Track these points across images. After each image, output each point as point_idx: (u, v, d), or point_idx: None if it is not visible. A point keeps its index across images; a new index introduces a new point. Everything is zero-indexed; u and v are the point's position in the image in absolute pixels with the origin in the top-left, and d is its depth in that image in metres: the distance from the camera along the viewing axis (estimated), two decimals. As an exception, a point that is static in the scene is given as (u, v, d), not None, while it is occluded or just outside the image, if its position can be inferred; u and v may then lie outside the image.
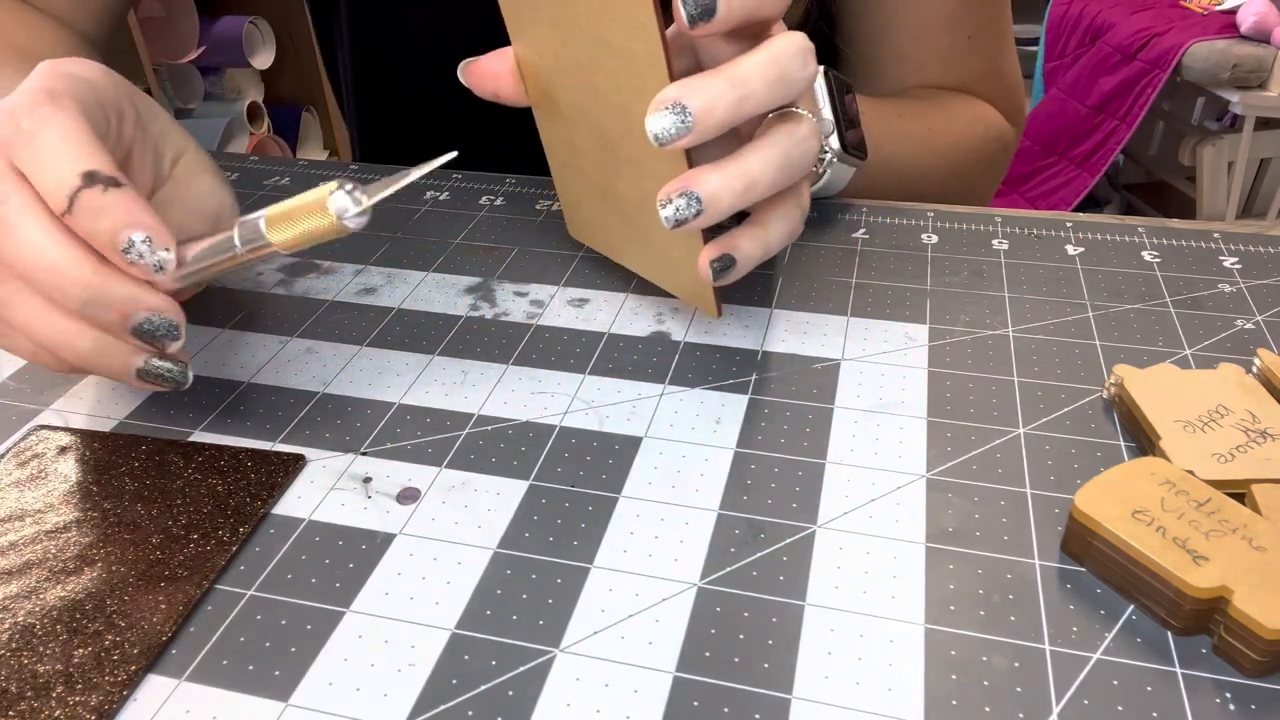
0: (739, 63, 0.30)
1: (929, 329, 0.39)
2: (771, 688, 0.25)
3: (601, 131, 0.37)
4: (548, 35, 0.36)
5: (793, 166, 0.33)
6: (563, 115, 0.38)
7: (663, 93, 0.30)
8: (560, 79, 0.37)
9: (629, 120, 0.34)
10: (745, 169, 0.31)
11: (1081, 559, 0.28)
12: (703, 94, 0.29)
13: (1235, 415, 0.32)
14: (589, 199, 0.42)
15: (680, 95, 0.29)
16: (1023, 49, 2.45)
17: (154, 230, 0.29)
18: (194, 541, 0.30)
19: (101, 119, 0.31)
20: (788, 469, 0.32)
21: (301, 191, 0.31)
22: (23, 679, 0.26)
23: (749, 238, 0.34)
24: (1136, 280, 0.42)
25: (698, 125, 0.29)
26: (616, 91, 0.34)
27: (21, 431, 0.35)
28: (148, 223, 0.29)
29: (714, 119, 0.30)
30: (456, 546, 0.30)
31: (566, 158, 0.41)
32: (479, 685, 0.26)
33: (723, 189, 0.31)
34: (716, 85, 0.30)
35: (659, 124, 0.30)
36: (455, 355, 0.39)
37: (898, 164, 0.51)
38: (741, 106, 0.30)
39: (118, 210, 0.29)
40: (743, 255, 0.34)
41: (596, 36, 0.33)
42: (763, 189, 0.32)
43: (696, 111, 0.29)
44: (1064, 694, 0.25)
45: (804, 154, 0.33)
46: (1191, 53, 1.71)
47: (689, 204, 0.31)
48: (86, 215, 0.29)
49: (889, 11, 0.55)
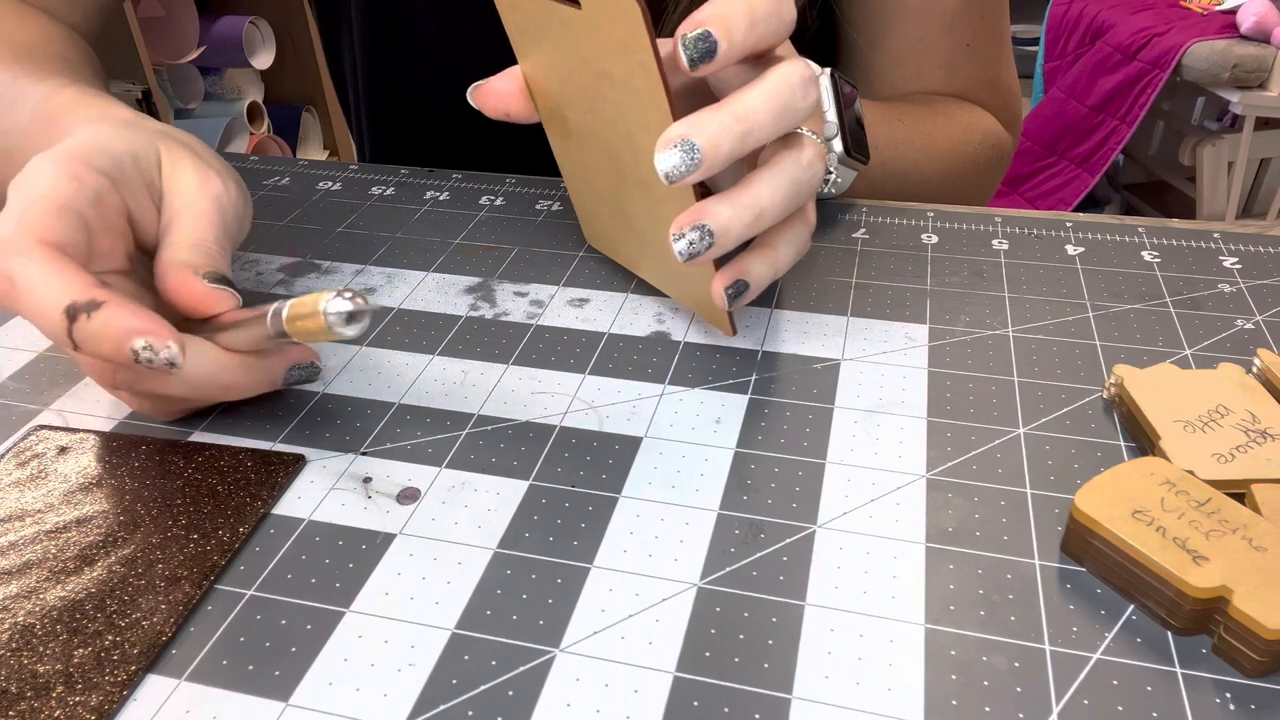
0: (743, 96, 0.31)
1: (929, 329, 0.39)
2: (771, 688, 0.25)
3: (611, 154, 0.37)
4: (552, 60, 0.36)
5: (800, 192, 0.33)
6: (573, 134, 0.39)
7: (669, 130, 0.30)
8: (567, 100, 0.37)
9: (635, 148, 0.34)
10: (754, 199, 0.32)
11: (1081, 559, 0.28)
12: (709, 130, 0.30)
13: (1235, 415, 0.32)
14: (603, 212, 0.42)
15: (687, 132, 0.30)
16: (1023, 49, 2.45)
17: (149, 333, 0.29)
18: (194, 541, 0.30)
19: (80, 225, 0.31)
20: (788, 469, 0.32)
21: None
22: (23, 679, 0.26)
23: (759, 261, 0.34)
24: (1136, 280, 0.42)
25: (705, 161, 0.30)
26: (622, 120, 0.34)
27: (21, 431, 0.35)
28: (140, 328, 0.29)
29: (721, 154, 0.30)
30: (456, 546, 0.30)
31: (579, 172, 0.41)
32: (479, 685, 0.26)
33: (733, 220, 0.32)
34: (722, 120, 0.30)
35: (667, 162, 0.30)
36: (455, 355, 0.39)
37: (895, 168, 0.51)
38: (747, 140, 0.31)
39: (109, 332, 0.29)
40: (754, 279, 0.34)
41: (599, 69, 0.33)
42: (771, 217, 0.33)
43: (704, 148, 0.30)
44: (1064, 694, 0.25)
45: (811, 179, 0.33)
46: (1191, 53, 1.71)
47: (701, 237, 0.31)
48: (90, 345, 0.29)
49: (887, 18, 0.55)
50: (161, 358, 0.29)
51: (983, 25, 0.56)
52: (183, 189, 0.34)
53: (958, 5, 0.54)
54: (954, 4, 0.54)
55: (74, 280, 0.30)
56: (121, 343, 0.29)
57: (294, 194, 0.52)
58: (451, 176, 0.54)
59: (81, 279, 0.30)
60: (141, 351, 0.29)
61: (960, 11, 0.54)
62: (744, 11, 0.30)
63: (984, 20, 0.56)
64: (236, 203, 0.36)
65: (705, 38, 0.30)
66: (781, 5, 0.31)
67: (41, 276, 0.29)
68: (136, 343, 0.29)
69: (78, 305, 0.29)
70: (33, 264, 0.30)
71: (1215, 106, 1.81)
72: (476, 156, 0.60)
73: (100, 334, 0.29)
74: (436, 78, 0.61)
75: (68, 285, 0.29)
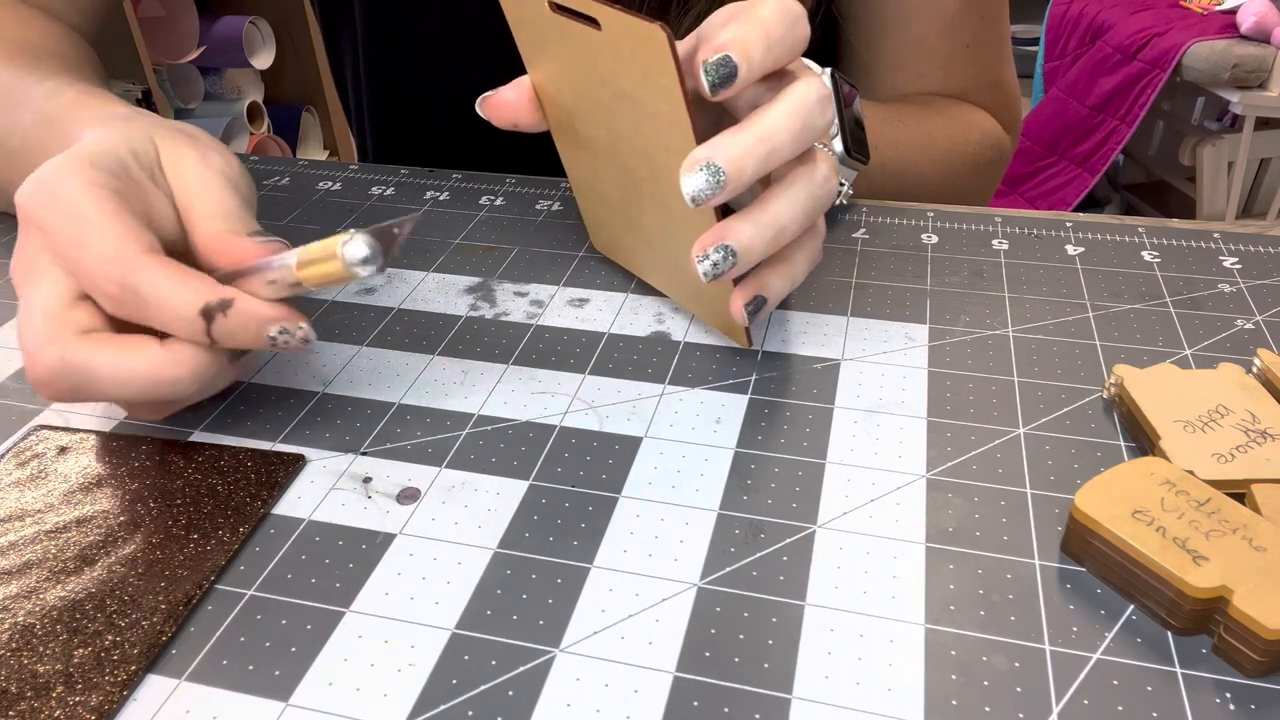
0: (764, 116, 0.31)
1: (929, 329, 0.39)
2: (771, 688, 0.25)
3: (624, 167, 0.37)
4: (565, 74, 0.36)
5: (816, 207, 0.34)
6: (583, 145, 0.38)
7: (694, 153, 0.31)
8: (580, 113, 0.37)
9: (652, 165, 0.34)
10: (774, 218, 0.33)
11: (1081, 559, 0.28)
12: (731, 153, 0.30)
13: (1235, 415, 0.32)
14: (613, 220, 0.42)
15: (711, 155, 0.30)
16: (1023, 49, 2.45)
17: (281, 319, 0.31)
18: (194, 541, 0.30)
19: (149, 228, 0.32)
20: (788, 469, 0.32)
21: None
22: (23, 679, 0.26)
23: (777, 276, 0.35)
24: (1136, 280, 0.42)
25: (730, 184, 0.31)
26: (640, 139, 0.34)
27: (21, 431, 0.35)
28: (271, 316, 0.31)
29: (746, 176, 0.31)
30: (456, 546, 0.30)
31: (588, 180, 0.41)
32: (479, 685, 0.26)
33: (755, 240, 0.32)
34: (745, 142, 0.31)
35: (694, 185, 0.31)
36: (455, 355, 0.39)
37: (895, 168, 0.51)
38: (769, 161, 0.31)
39: (247, 324, 0.31)
40: (772, 293, 0.35)
41: (616, 88, 0.33)
42: (790, 234, 0.33)
43: (729, 170, 0.30)
44: (1064, 694, 0.25)
45: (826, 194, 0.34)
46: (1191, 53, 1.71)
47: (725, 257, 0.32)
48: (229, 340, 0.31)
49: (888, 18, 0.55)
50: (298, 338, 0.32)
51: (983, 26, 0.56)
52: (188, 172, 0.34)
53: (958, 6, 0.54)
54: (954, 5, 0.54)
55: (198, 283, 0.31)
56: (260, 332, 0.31)
57: (294, 194, 0.52)
58: (451, 176, 0.54)
59: (202, 280, 0.31)
60: (279, 336, 0.31)
61: (960, 13, 0.54)
62: (761, 35, 0.31)
63: (984, 21, 0.56)
64: (242, 174, 0.36)
65: (725, 63, 0.30)
66: (796, 25, 0.32)
67: (169, 287, 0.30)
68: (272, 329, 0.31)
69: (211, 305, 0.30)
70: (157, 275, 0.30)
71: (1215, 106, 1.81)
72: (476, 156, 0.60)
73: (239, 328, 0.31)
74: (437, 78, 0.61)
75: (196, 289, 0.30)
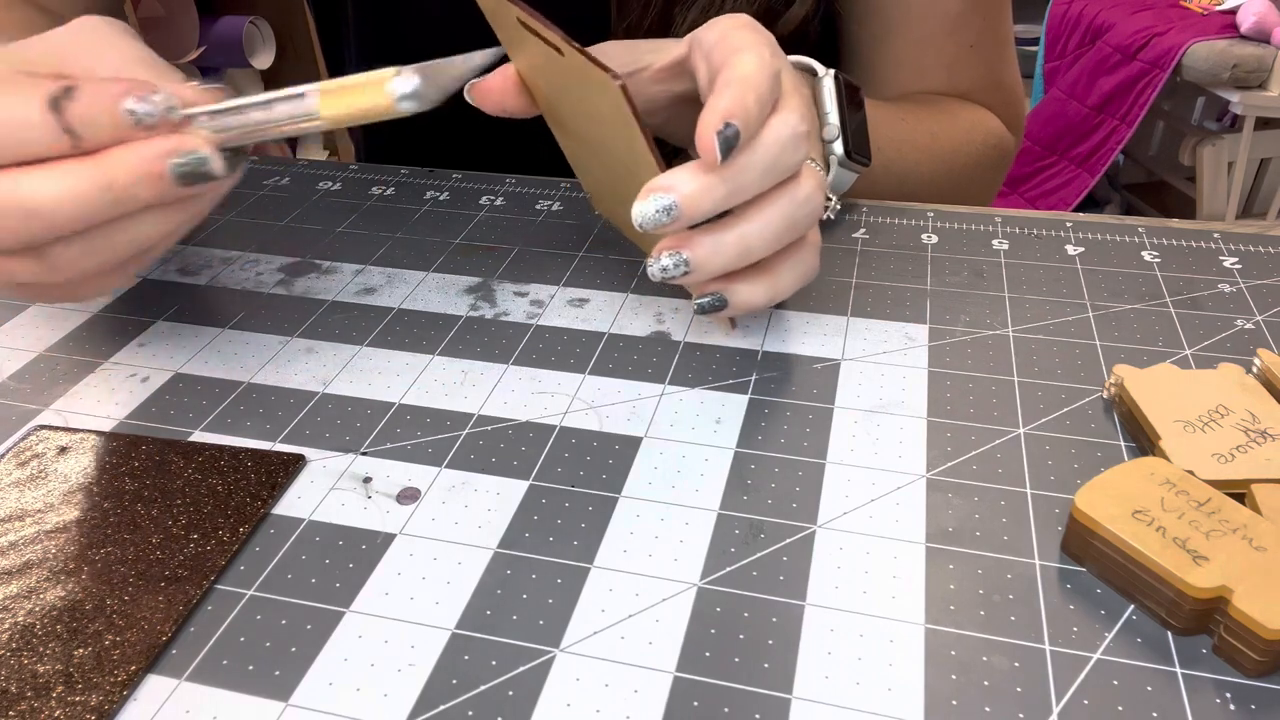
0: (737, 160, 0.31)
1: (929, 329, 0.39)
2: (771, 688, 0.25)
3: (605, 164, 0.37)
4: (540, 73, 0.36)
5: (795, 227, 0.34)
6: (568, 130, 0.39)
7: (651, 182, 0.31)
8: (558, 103, 0.37)
9: (627, 173, 0.35)
10: (740, 237, 0.33)
11: (1081, 559, 0.28)
12: (689, 187, 0.31)
13: (1235, 415, 0.32)
14: (604, 194, 0.43)
15: (671, 185, 0.31)
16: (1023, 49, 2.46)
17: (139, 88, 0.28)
18: (194, 541, 0.30)
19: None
20: (788, 469, 0.32)
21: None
22: (23, 679, 0.26)
23: (750, 284, 0.34)
24: (1136, 280, 0.42)
25: (682, 218, 0.31)
26: (612, 150, 0.35)
27: (21, 431, 0.35)
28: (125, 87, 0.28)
29: (699, 211, 0.31)
30: (456, 546, 0.30)
31: (581, 157, 0.42)
32: (479, 685, 0.26)
33: (712, 256, 0.32)
34: (706, 181, 0.31)
35: (642, 213, 0.31)
36: (455, 355, 0.39)
37: (898, 168, 0.51)
38: (730, 200, 0.32)
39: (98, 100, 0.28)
40: (740, 299, 0.34)
41: (584, 111, 0.34)
42: (760, 252, 0.33)
43: (683, 206, 0.31)
44: (1064, 694, 0.25)
45: (808, 214, 0.34)
46: (1191, 53, 1.71)
47: (677, 265, 0.32)
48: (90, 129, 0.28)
49: (891, 18, 0.55)
50: (158, 103, 0.28)
51: (985, 27, 0.56)
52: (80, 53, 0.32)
53: (960, 7, 0.54)
54: (957, 6, 0.54)
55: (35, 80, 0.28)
56: (114, 107, 0.28)
57: (294, 194, 0.52)
58: (451, 176, 0.54)
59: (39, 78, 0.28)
60: (139, 108, 0.28)
61: (963, 13, 0.55)
62: (755, 99, 0.31)
63: (986, 22, 0.56)
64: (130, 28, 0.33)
65: (732, 135, 0.31)
66: (775, 79, 0.32)
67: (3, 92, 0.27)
68: (128, 103, 0.28)
69: (55, 92, 0.27)
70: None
71: (1215, 106, 1.81)
72: (476, 156, 0.60)
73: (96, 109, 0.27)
74: None
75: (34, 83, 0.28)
